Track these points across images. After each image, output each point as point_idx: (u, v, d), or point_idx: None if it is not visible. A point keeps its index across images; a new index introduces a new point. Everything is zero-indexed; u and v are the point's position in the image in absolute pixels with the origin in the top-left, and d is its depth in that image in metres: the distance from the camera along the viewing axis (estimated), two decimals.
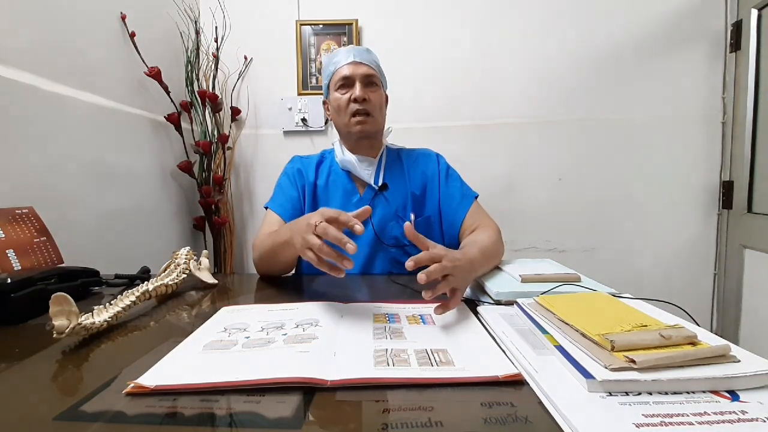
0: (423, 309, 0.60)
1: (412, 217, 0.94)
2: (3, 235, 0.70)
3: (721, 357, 0.38)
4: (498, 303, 0.62)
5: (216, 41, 1.57)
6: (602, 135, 1.58)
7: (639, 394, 0.35)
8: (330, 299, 0.64)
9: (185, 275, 0.74)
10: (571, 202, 1.60)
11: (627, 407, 0.33)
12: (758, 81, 1.41)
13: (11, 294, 0.56)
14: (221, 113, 1.60)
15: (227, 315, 0.59)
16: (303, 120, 1.63)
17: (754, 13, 1.40)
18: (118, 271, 0.81)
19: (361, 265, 0.93)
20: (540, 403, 0.35)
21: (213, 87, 1.56)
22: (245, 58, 1.63)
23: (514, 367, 0.41)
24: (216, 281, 0.78)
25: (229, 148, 1.63)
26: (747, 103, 1.43)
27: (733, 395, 0.35)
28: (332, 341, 0.47)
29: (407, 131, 1.52)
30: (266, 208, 0.97)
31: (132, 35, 1.23)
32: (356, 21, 1.60)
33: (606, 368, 0.36)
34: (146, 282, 0.65)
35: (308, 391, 0.37)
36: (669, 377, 0.35)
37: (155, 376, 0.39)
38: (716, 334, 0.43)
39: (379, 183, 0.96)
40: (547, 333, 0.46)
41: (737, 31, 1.45)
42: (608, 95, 1.56)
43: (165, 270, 0.75)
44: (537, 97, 1.59)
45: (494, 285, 0.64)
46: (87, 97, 1.06)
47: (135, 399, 0.36)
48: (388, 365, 0.41)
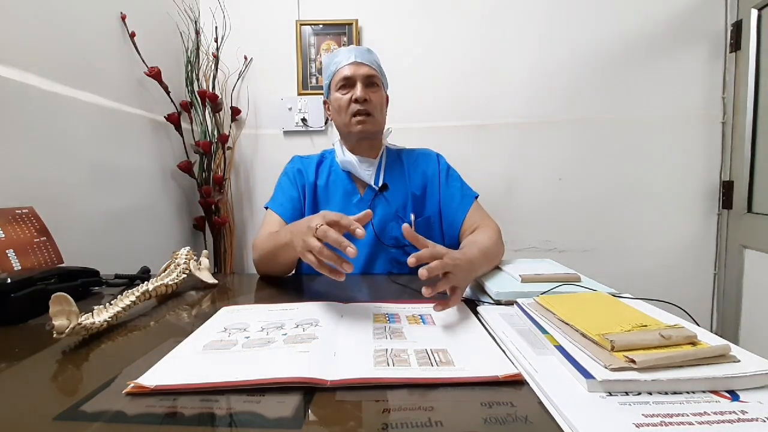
0: (423, 309, 0.60)
1: (412, 218, 0.94)
2: (3, 235, 0.70)
3: (721, 357, 0.38)
4: (498, 303, 0.62)
5: (216, 41, 1.57)
6: (602, 135, 1.58)
7: (639, 394, 0.35)
8: (330, 299, 0.64)
9: (185, 275, 0.74)
10: (571, 202, 1.60)
11: (627, 407, 0.33)
12: (758, 81, 1.41)
13: (11, 294, 0.57)
14: (221, 113, 1.60)
15: (227, 315, 0.59)
16: (303, 120, 1.63)
17: (754, 13, 1.40)
18: (118, 271, 0.81)
19: (361, 266, 0.93)
20: (540, 403, 0.35)
21: (213, 87, 1.56)
22: (245, 58, 1.63)
23: (514, 367, 0.41)
24: (216, 281, 0.78)
25: (229, 148, 1.63)
26: (747, 103, 1.43)
27: (733, 395, 0.35)
28: (332, 341, 0.47)
29: (407, 131, 1.52)
30: (266, 208, 0.97)
31: (132, 35, 1.23)
32: (356, 21, 1.60)
33: (606, 368, 0.36)
34: (146, 282, 0.65)
35: (308, 391, 0.37)
36: (669, 377, 0.35)
37: (155, 376, 0.39)
38: (716, 334, 0.44)
39: (380, 183, 0.96)
40: (547, 333, 0.46)
41: (737, 31, 1.45)
42: (608, 95, 1.56)
43: (165, 270, 0.75)
44: (537, 97, 1.59)
45: (494, 285, 0.64)
46: (87, 97, 1.06)
47: (135, 399, 0.36)
48: (388, 365, 0.41)
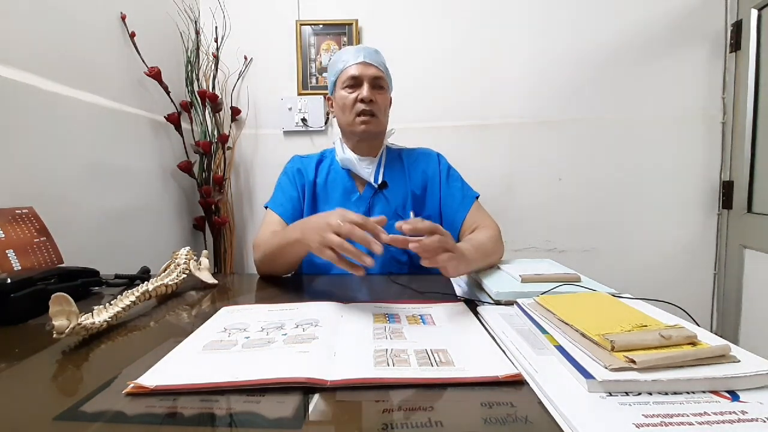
0: (423, 309, 0.60)
1: (412, 215, 0.94)
2: (3, 235, 0.70)
3: (721, 357, 0.38)
4: (498, 303, 0.62)
5: (216, 41, 1.57)
6: (602, 135, 1.58)
7: (639, 394, 0.35)
8: (330, 299, 0.64)
9: (185, 275, 0.74)
10: (571, 202, 1.60)
11: (627, 407, 0.33)
12: (758, 81, 1.41)
13: (11, 294, 0.56)
14: (221, 113, 1.60)
15: (227, 315, 0.59)
16: (303, 120, 1.63)
17: (754, 13, 1.40)
18: (118, 271, 0.81)
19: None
20: (540, 403, 0.35)
21: (213, 87, 1.56)
22: (245, 58, 1.63)
23: (514, 367, 0.41)
24: (216, 281, 0.78)
25: (229, 148, 1.63)
26: (747, 103, 1.43)
27: (733, 395, 0.34)
28: (332, 341, 0.47)
29: (407, 131, 1.51)
30: (266, 208, 0.97)
31: (132, 35, 1.23)
32: (356, 21, 1.60)
33: (606, 368, 0.36)
34: (146, 282, 0.65)
35: (308, 391, 0.37)
36: (669, 377, 0.35)
37: (155, 376, 0.39)
38: (716, 334, 0.43)
39: (379, 181, 0.96)
40: (547, 333, 0.46)
41: (737, 31, 1.45)
42: (608, 95, 1.56)
43: (165, 270, 0.75)
44: (537, 97, 1.59)
45: (494, 285, 0.64)
46: (87, 97, 1.06)
47: (135, 399, 0.36)
48: (388, 365, 0.41)
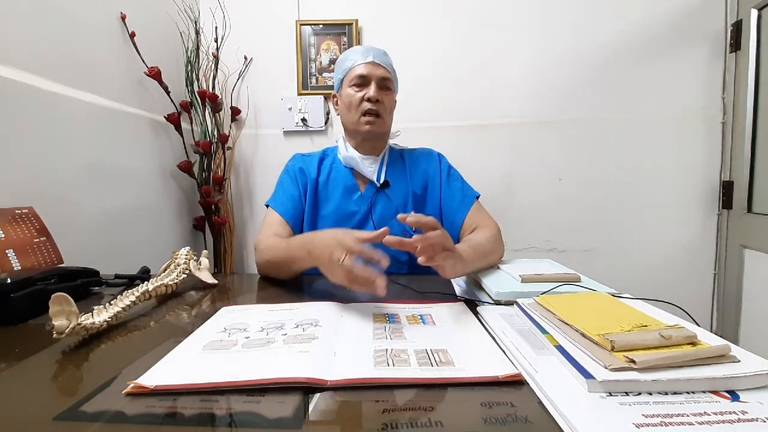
0: (423, 309, 0.60)
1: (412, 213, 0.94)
2: (3, 235, 0.70)
3: (721, 357, 0.38)
4: (498, 303, 0.62)
5: (216, 41, 1.57)
6: (602, 135, 1.58)
7: (639, 394, 0.35)
8: (330, 299, 0.64)
9: (185, 275, 0.74)
10: (571, 202, 1.60)
11: (627, 407, 0.33)
12: (758, 81, 1.41)
13: (11, 294, 0.56)
14: (221, 113, 1.60)
15: (227, 315, 0.59)
16: (303, 120, 1.63)
17: (754, 13, 1.40)
18: (118, 271, 0.81)
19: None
20: (540, 403, 0.35)
21: (213, 87, 1.56)
22: (245, 58, 1.63)
23: (514, 367, 0.41)
24: (216, 281, 0.78)
25: (229, 148, 1.63)
26: (747, 103, 1.43)
27: (733, 395, 0.35)
28: (332, 341, 0.47)
29: (407, 131, 1.50)
30: (267, 206, 0.97)
31: (132, 35, 1.23)
32: (356, 21, 1.60)
33: (606, 368, 0.36)
34: (146, 282, 0.65)
35: (308, 391, 0.37)
36: (669, 377, 0.35)
37: (155, 376, 0.39)
38: (716, 334, 0.43)
39: (382, 180, 0.96)
40: (547, 333, 0.46)
41: (737, 31, 1.45)
42: (608, 95, 1.56)
43: (165, 270, 0.75)
44: (537, 97, 1.59)
45: (494, 285, 0.64)
46: (87, 97, 1.06)
47: (135, 399, 0.36)
48: (388, 365, 0.41)
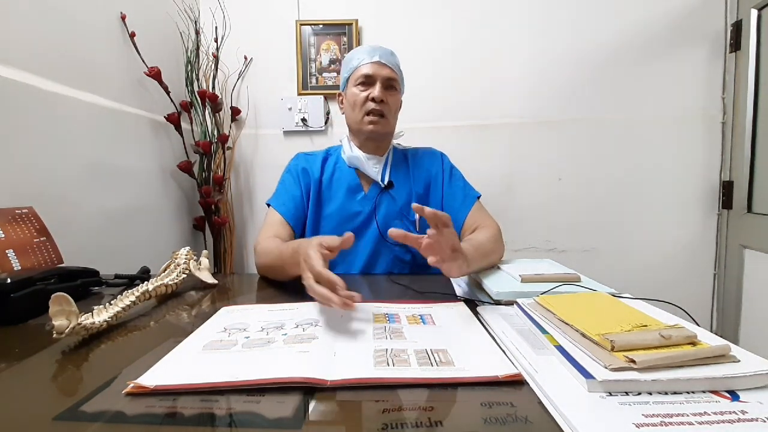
0: (423, 309, 0.60)
1: (417, 217, 0.94)
2: (3, 235, 0.70)
3: (721, 357, 0.38)
4: (498, 303, 0.62)
5: (216, 41, 1.57)
6: (602, 135, 1.58)
7: (639, 394, 0.35)
8: None
9: (185, 275, 0.74)
10: (571, 202, 1.60)
11: (627, 407, 0.33)
12: (758, 81, 1.41)
13: (11, 294, 0.56)
14: (221, 113, 1.60)
15: (227, 315, 0.59)
16: (303, 120, 1.63)
17: (754, 13, 1.40)
18: (118, 271, 0.81)
19: (364, 264, 0.93)
20: (540, 403, 0.35)
21: (213, 87, 1.56)
22: (245, 58, 1.63)
23: (514, 367, 0.41)
24: (216, 281, 0.78)
25: (229, 148, 1.63)
26: (747, 103, 1.43)
27: (733, 395, 0.35)
28: (332, 341, 0.47)
29: (407, 131, 1.51)
30: (268, 205, 0.97)
31: (132, 35, 1.23)
32: (356, 21, 1.60)
33: (606, 368, 0.36)
34: (146, 282, 0.65)
35: (308, 391, 0.37)
36: (669, 377, 0.35)
37: (155, 376, 0.39)
38: (716, 334, 0.43)
39: (386, 181, 0.96)
40: (547, 333, 0.46)
41: (737, 31, 1.45)
42: (608, 95, 1.56)
43: (165, 270, 0.75)
44: (537, 97, 1.59)
45: (494, 285, 0.64)
46: (87, 97, 1.06)
47: (135, 399, 0.36)
48: (388, 365, 0.41)
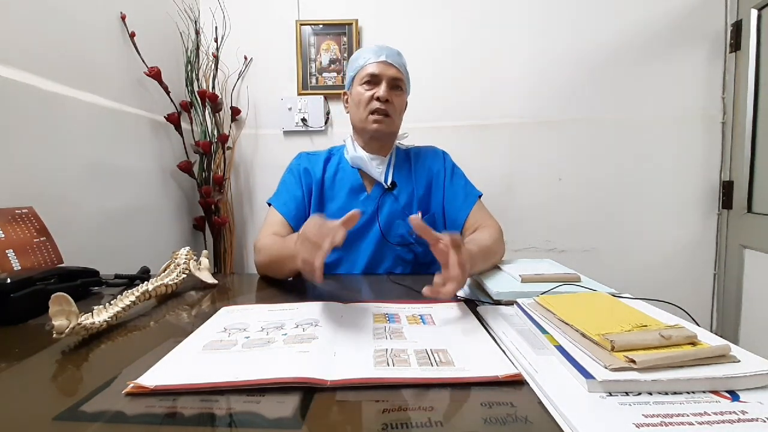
0: (423, 309, 0.60)
1: (419, 215, 0.94)
2: (3, 235, 0.70)
3: (721, 357, 0.38)
4: (498, 303, 0.62)
5: (216, 41, 1.57)
6: (602, 135, 1.58)
7: (639, 394, 0.35)
8: (330, 299, 0.64)
9: (185, 275, 0.74)
10: (571, 202, 1.60)
11: (627, 407, 0.33)
12: (758, 81, 1.41)
13: (11, 294, 0.56)
14: (221, 113, 1.60)
15: (227, 315, 0.59)
16: (303, 120, 1.63)
17: (754, 13, 1.40)
18: (118, 271, 0.81)
19: (367, 263, 0.93)
20: (540, 403, 0.35)
21: (213, 87, 1.56)
22: (245, 58, 1.63)
23: (514, 367, 0.41)
24: (216, 281, 0.78)
25: (229, 148, 1.63)
26: (747, 103, 1.43)
27: (733, 395, 0.35)
28: (332, 341, 0.47)
29: (407, 131, 1.51)
30: (269, 204, 0.97)
31: (132, 35, 1.23)
32: (356, 21, 1.60)
33: (606, 368, 0.36)
34: (146, 282, 0.65)
35: (308, 391, 0.37)
36: (669, 377, 0.35)
37: (155, 376, 0.39)
38: (716, 334, 0.43)
39: (389, 182, 0.97)
40: (547, 333, 0.46)
41: (737, 31, 1.45)
42: (608, 95, 1.56)
43: (165, 270, 0.75)
44: (537, 97, 1.59)
45: (494, 285, 0.64)
46: (87, 97, 1.06)
47: (135, 399, 0.36)
48: (388, 365, 0.41)
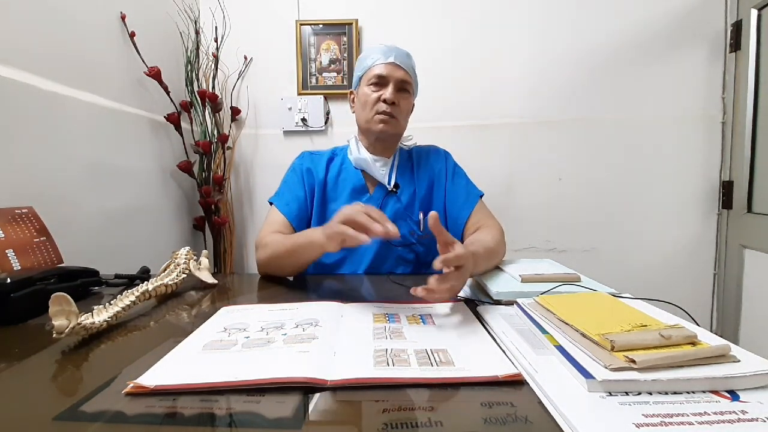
0: (423, 309, 0.60)
1: (421, 216, 0.94)
2: (3, 235, 0.70)
3: (721, 357, 0.38)
4: (498, 303, 0.62)
5: (216, 41, 1.57)
6: (602, 135, 1.58)
7: (639, 394, 0.35)
8: (330, 299, 0.64)
9: (185, 275, 0.74)
10: (571, 202, 1.60)
11: (627, 407, 0.33)
12: (758, 81, 1.41)
13: (11, 294, 0.56)
14: (221, 113, 1.60)
15: (227, 315, 0.59)
16: (303, 120, 1.63)
17: (754, 13, 1.40)
18: (118, 271, 0.81)
19: (369, 264, 0.93)
20: (540, 403, 0.35)
21: (213, 87, 1.55)
22: (245, 58, 1.63)
23: (514, 367, 0.41)
24: (216, 281, 0.78)
25: (229, 148, 1.63)
26: (747, 103, 1.43)
27: (733, 395, 0.35)
28: (332, 341, 0.47)
29: (407, 131, 1.52)
30: (271, 203, 0.96)
31: (132, 35, 1.23)
32: (356, 21, 1.60)
33: (606, 368, 0.36)
34: (146, 282, 0.65)
35: (308, 391, 0.37)
36: (669, 377, 0.35)
37: (155, 376, 0.39)
38: (716, 334, 0.43)
39: (392, 183, 0.96)
40: (547, 333, 0.46)
41: (737, 31, 1.45)
42: (608, 95, 1.56)
43: (165, 270, 0.75)
44: (537, 97, 1.59)
45: (494, 285, 0.64)
46: (87, 97, 1.06)
47: (135, 399, 0.36)
48: (388, 365, 0.41)
